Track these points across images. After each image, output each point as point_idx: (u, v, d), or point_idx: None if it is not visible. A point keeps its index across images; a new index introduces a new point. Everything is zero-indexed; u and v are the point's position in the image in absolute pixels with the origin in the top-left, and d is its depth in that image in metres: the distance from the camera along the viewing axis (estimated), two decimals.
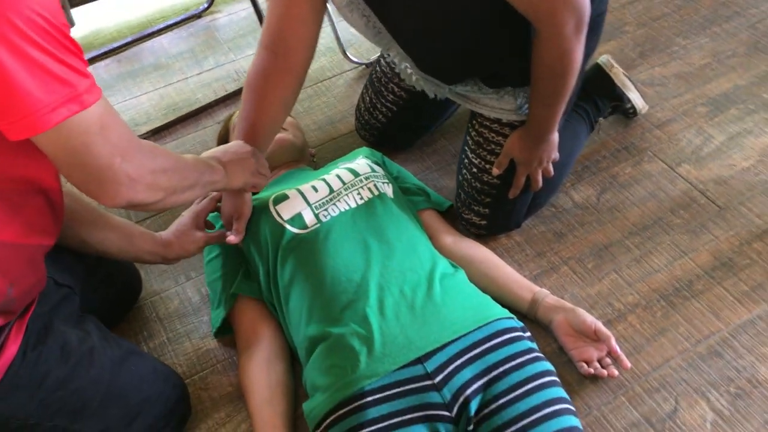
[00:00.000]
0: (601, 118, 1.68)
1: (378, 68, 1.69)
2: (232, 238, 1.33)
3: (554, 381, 1.14)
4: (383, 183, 1.41)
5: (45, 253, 1.08)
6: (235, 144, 1.30)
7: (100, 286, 1.35)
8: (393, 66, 1.63)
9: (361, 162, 1.46)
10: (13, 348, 1.03)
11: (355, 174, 1.41)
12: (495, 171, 1.45)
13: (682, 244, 1.50)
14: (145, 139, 1.84)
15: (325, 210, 1.33)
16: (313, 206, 1.34)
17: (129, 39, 2.20)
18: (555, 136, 1.41)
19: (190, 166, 1.12)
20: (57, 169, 1.03)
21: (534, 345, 1.19)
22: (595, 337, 1.27)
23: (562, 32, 1.16)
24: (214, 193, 1.39)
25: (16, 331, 1.04)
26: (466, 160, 1.51)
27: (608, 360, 1.28)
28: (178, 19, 2.29)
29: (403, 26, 1.30)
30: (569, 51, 1.20)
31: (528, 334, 1.21)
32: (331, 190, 1.38)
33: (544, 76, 1.26)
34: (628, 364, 1.25)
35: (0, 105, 0.79)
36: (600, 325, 1.26)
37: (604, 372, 1.26)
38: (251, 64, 1.37)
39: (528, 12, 1.16)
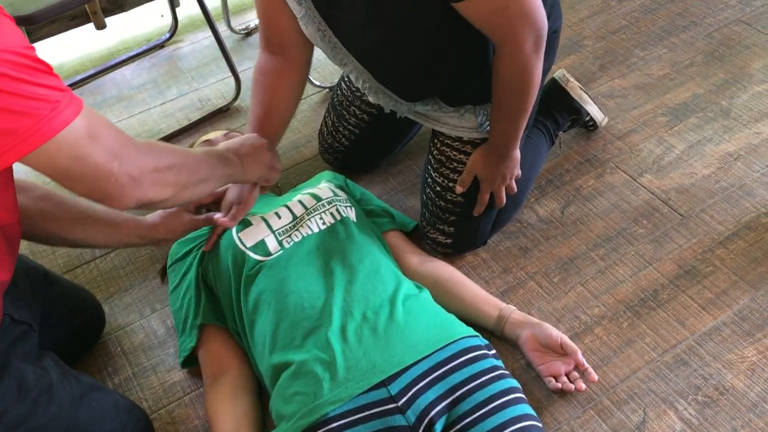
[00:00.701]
0: (560, 132, 1.69)
1: (339, 91, 1.69)
2: (225, 220, 1.33)
3: (520, 398, 1.13)
4: (346, 207, 1.41)
5: (3, 290, 1.06)
6: (251, 137, 1.33)
7: (61, 321, 1.33)
8: (354, 89, 1.63)
9: (323, 186, 1.46)
10: None
11: (318, 198, 1.41)
12: (458, 189, 1.45)
13: (646, 254, 1.51)
14: None
15: (289, 236, 1.33)
16: (276, 233, 1.34)
17: (91, 71, 2.18)
18: (517, 153, 1.41)
19: (200, 160, 1.14)
20: (13, 204, 1.02)
21: (499, 362, 1.18)
22: (562, 352, 1.26)
23: (522, 49, 1.17)
24: None
25: None
26: (429, 179, 1.52)
27: (576, 374, 1.27)
28: (141, 50, 2.28)
29: (356, 40, 1.30)
30: (529, 68, 1.21)
31: (493, 351, 1.20)
32: (294, 217, 1.38)
33: (505, 92, 1.27)
34: (596, 377, 1.25)
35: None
36: (566, 339, 1.26)
37: (572, 386, 1.25)
38: (255, 65, 1.43)
39: (487, 29, 1.17)
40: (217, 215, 1.37)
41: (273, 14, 1.35)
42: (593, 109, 1.70)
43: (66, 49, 2.31)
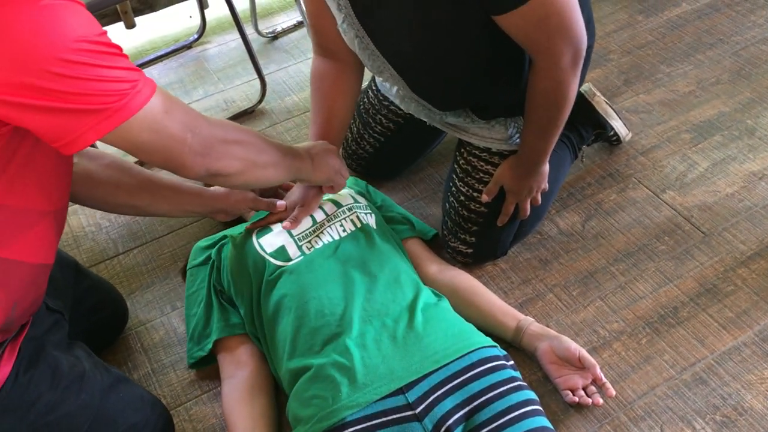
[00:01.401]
0: (584, 146, 1.69)
1: (366, 99, 1.70)
2: (287, 224, 1.35)
3: (537, 410, 1.13)
4: (366, 213, 1.42)
5: (47, 274, 1.10)
6: (321, 143, 1.36)
7: (87, 314, 1.36)
8: (381, 97, 1.64)
9: (344, 193, 1.47)
10: (5, 370, 1.04)
11: (338, 205, 1.41)
12: (484, 198, 1.46)
13: (667, 271, 1.50)
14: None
15: (309, 242, 1.34)
16: (296, 238, 1.35)
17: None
18: (546, 167, 1.42)
19: (270, 143, 1.18)
20: (67, 189, 1.06)
21: (517, 373, 1.18)
22: (580, 365, 1.26)
23: (559, 64, 1.17)
24: None
25: (9, 353, 1.05)
26: (453, 188, 1.52)
27: (593, 388, 1.27)
28: (169, 49, 2.31)
29: (394, 48, 1.31)
30: (565, 82, 1.21)
31: (511, 362, 1.21)
32: (314, 223, 1.39)
33: (539, 106, 1.27)
34: (613, 392, 1.24)
35: (75, 117, 0.85)
36: (585, 352, 1.26)
37: (589, 400, 1.25)
38: (311, 70, 1.46)
39: (525, 42, 1.17)
40: (280, 202, 1.40)
41: (320, 19, 1.36)
42: (618, 125, 1.70)
43: None
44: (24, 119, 0.84)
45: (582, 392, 1.26)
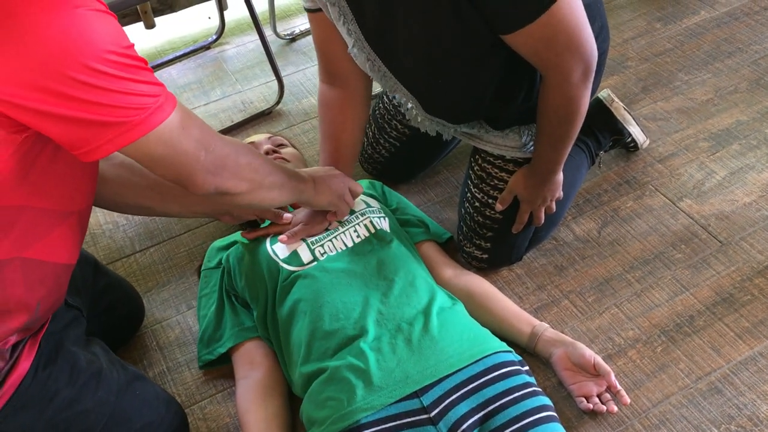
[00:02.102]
0: (601, 152, 1.69)
1: (381, 104, 1.70)
2: (284, 237, 1.35)
3: (552, 416, 1.13)
4: (379, 217, 1.42)
5: (69, 273, 1.11)
6: (325, 168, 1.38)
7: (104, 311, 1.37)
8: (396, 103, 1.65)
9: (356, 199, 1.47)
10: (25, 365, 1.05)
11: (351, 211, 1.42)
12: (498, 207, 1.46)
13: (683, 279, 1.50)
14: None
15: (322, 247, 1.34)
16: (309, 243, 1.35)
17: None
18: (560, 176, 1.42)
19: (276, 166, 1.20)
20: (92, 191, 1.07)
21: (532, 379, 1.18)
22: (595, 372, 1.26)
23: (570, 79, 1.17)
24: None
25: (29, 348, 1.06)
26: (468, 194, 1.52)
27: (608, 395, 1.27)
28: (187, 50, 2.32)
29: (406, 70, 1.32)
30: (576, 97, 1.21)
31: (526, 368, 1.21)
32: (327, 228, 1.39)
33: (551, 120, 1.27)
34: (628, 400, 1.24)
35: (96, 128, 0.86)
36: (599, 359, 1.26)
37: (604, 408, 1.25)
38: (318, 98, 1.47)
39: (534, 60, 1.17)
40: (286, 215, 1.40)
41: (329, 45, 1.37)
42: (636, 131, 1.69)
43: None
44: (44, 126, 0.84)
45: (596, 399, 1.26)
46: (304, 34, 2.36)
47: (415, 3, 1.14)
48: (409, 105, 1.42)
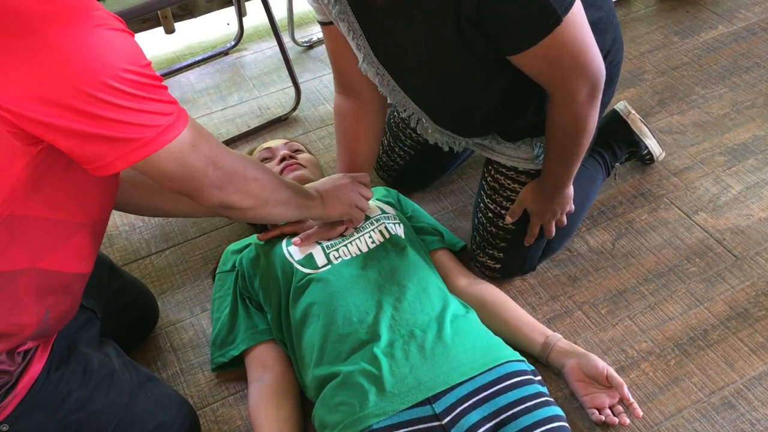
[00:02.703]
0: (617, 164, 1.69)
1: (396, 113, 1.71)
2: (297, 240, 1.36)
3: (564, 427, 1.13)
4: (394, 224, 1.43)
5: (84, 282, 1.11)
6: (333, 177, 1.39)
7: (118, 313, 1.38)
8: (406, 120, 1.66)
9: (371, 204, 1.48)
10: (37, 367, 1.05)
11: (366, 217, 1.43)
12: (508, 219, 1.46)
13: (697, 293, 1.49)
14: None
15: (336, 251, 1.35)
16: (324, 247, 1.36)
17: (157, 74, 2.25)
18: (570, 190, 1.42)
19: (283, 182, 1.21)
20: (110, 204, 1.08)
21: (544, 389, 1.18)
22: (608, 384, 1.26)
23: (576, 99, 1.17)
24: None
25: (42, 350, 1.07)
26: (481, 204, 1.53)
27: (620, 407, 1.27)
28: (205, 55, 2.35)
29: (415, 87, 1.33)
30: (583, 116, 1.21)
31: (539, 377, 1.21)
32: (342, 233, 1.40)
33: (558, 137, 1.27)
34: (641, 413, 1.24)
35: (108, 144, 0.87)
36: (612, 371, 1.26)
37: (616, 420, 1.24)
38: (333, 108, 1.48)
39: (541, 80, 1.17)
40: (305, 224, 1.40)
41: (342, 58, 1.39)
42: (652, 143, 1.69)
43: None
44: (57, 140, 0.85)
45: (608, 411, 1.26)
46: (321, 41, 2.38)
47: (422, 24, 1.15)
48: (419, 119, 1.43)
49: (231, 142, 2.00)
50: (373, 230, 1.40)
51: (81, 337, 1.16)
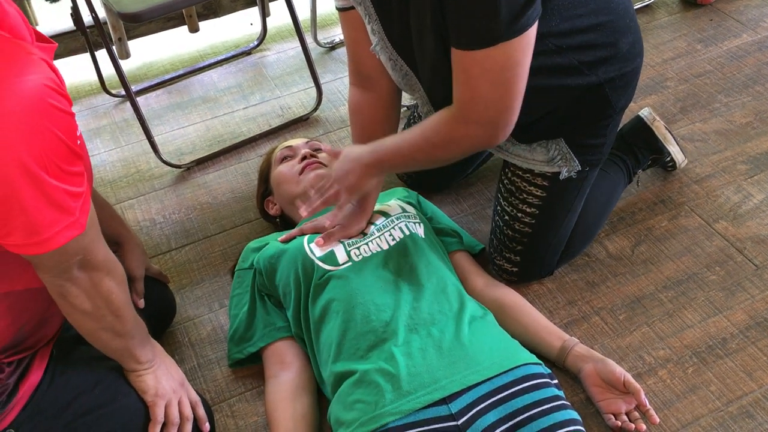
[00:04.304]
0: (639, 170, 1.68)
1: (416, 113, 1.72)
2: (319, 240, 1.36)
3: (580, 430, 1.13)
4: (414, 223, 1.43)
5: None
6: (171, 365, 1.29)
7: (136, 307, 1.38)
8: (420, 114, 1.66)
9: (393, 204, 1.49)
10: (37, 373, 1.06)
11: (386, 215, 1.43)
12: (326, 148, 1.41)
13: (716, 301, 1.48)
14: (189, 168, 1.93)
15: (357, 248, 1.36)
16: (345, 244, 1.37)
17: (180, 72, 2.28)
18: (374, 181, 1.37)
19: (134, 319, 1.16)
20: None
21: (561, 393, 1.18)
22: (624, 390, 1.25)
23: (467, 123, 1.17)
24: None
25: (39, 360, 1.08)
26: (498, 208, 1.53)
27: (636, 414, 1.26)
28: (229, 55, 2.36)
29: (425, 71, 1.32)
30: (457, 141, 1.21)
31: (555, 381, 1.20)
32: (363, 231, 1.40)
33: (428, 139, 1.24)
34: (657, 419, 1.23)
35: (13, 229, 0.87)
36: (629, 377, 1.25)
37: (632, 426, 1.24)
38: (348, 101, 1.49)
39: (456, 83, 1.16)
40: (327, 223, 1.38)
41: (360, 46, 1.39)
42: (675, 150, 1.68)
43: (159, 48, 2.41)
44: None
45: (625, 417, 1.25)
46: (343, 43, 2.38)
47: (420, 19, 1.16)
48: (426, 108, 1.43)
49: (252, 141, 2.01)
50: (393, 228, 1.41)
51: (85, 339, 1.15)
